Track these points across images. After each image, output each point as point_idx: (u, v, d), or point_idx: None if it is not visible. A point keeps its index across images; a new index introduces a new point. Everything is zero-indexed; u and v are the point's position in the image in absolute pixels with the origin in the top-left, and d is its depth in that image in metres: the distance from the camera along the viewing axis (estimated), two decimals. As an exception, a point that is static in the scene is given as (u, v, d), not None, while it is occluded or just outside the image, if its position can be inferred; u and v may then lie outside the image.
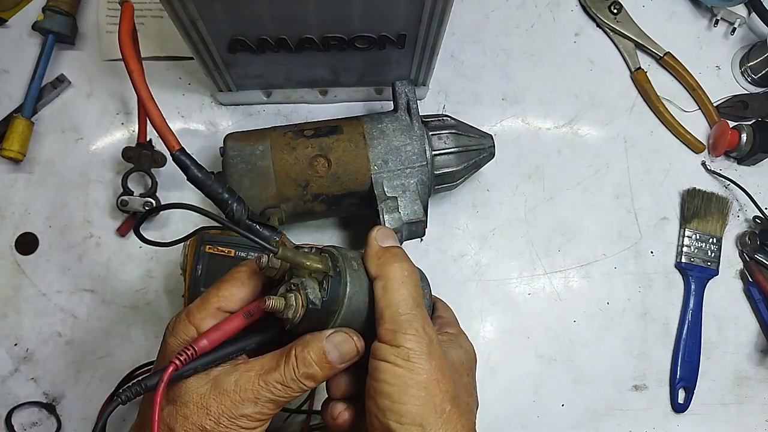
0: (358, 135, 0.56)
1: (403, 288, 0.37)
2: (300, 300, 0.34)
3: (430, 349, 0.35)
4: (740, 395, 0.65)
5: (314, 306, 0.35)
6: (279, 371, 0.34)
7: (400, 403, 0.34)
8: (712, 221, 0.67)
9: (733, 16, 0.72)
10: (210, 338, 0.35)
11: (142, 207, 0.60)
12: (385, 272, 0.37)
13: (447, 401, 0.35)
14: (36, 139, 0.64)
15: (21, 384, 0.60)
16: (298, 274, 0.35)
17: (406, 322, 0.35)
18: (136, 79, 0.36)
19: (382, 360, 0.35)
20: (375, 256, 0.38)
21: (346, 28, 0.53)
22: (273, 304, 0.34)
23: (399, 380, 0.34)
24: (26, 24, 0.66)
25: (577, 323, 0.65)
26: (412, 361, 0.34)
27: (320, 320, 0.36)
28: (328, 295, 0.35)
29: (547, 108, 0.70)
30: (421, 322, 0.36)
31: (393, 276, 0.37)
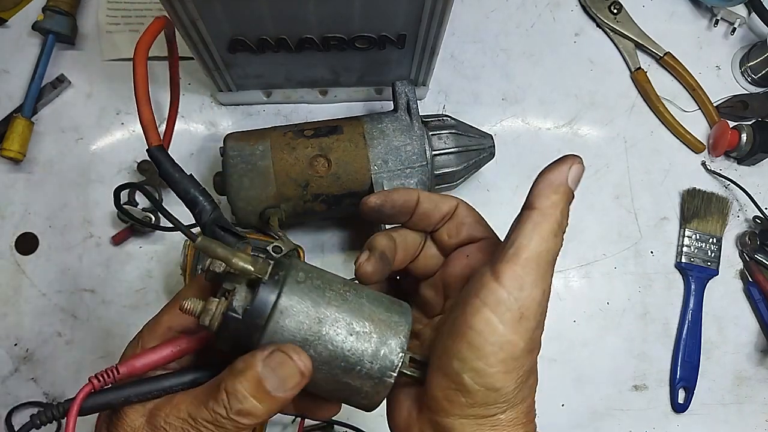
0: (358, 135, 0.56)
1: (555, 240, 0.32)
2: (221, 306, 0.29)
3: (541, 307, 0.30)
4: (740, 395, 0.65)
5: (234, 314, 0.29)
6: (208, 409, 0.28)
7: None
8: (712, 221, 0.67)
9: (733, 16, 0.72)
10: (141, 361, 0.30)
11: (142, 219, 0.61)
12: (550, 212, 0.31)
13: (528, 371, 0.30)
14: (36, 139, 0.64)
15: (21, 384, 0.60)
16: (234, 280, 0.30)
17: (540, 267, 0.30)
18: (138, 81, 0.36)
19: (487, 306, 0.29)
20: (552, 189, 0.31)
21: (346, 28, 0.53)
22: (188, 305, 0.29)
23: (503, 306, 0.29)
24: (26, 24, 0.66)
25: (577, 323, 0.65)
26: (523, 296, 0.29)
27: (244, 335, 0.29)
28: (253, 303, 0.29)
29: (547, 108, 0.70)
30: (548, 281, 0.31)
31: (551, 220, 0.31)
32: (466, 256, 0.36)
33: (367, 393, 0.31)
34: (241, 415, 0.28)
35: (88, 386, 0.29)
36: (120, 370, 0.29)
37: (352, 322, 0.31)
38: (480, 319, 0.29)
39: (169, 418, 0.29)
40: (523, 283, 0.29)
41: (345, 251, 0.64)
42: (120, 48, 0.67)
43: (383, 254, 0.35)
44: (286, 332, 0.30)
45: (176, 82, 0.58)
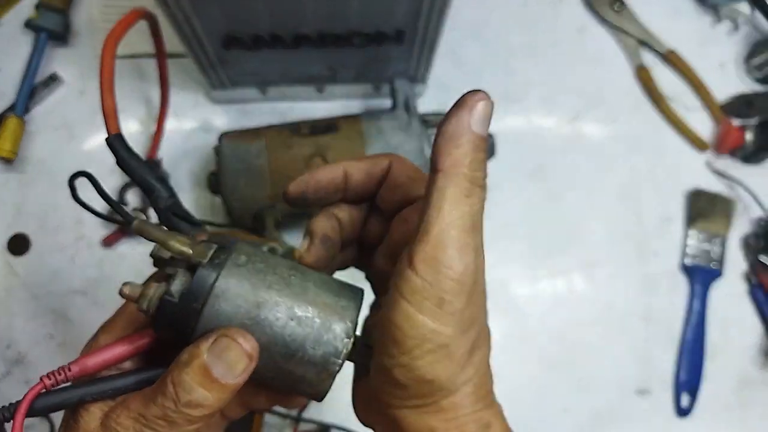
0: (356, 133, 0.55)
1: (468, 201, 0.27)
2: (159, 290, 0.28)
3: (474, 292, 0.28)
4: (745, 399, 0.64)
5: (170, 298, 0.28)
6: (156, 404, 0.27)
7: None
8: (716, 222, 0.66)
9: (736, 13, 0.71)
10: (94, 359, 0.29)
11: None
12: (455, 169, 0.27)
13: (467, 353, 0.29)
14: (28, 138, 0.63)
15: (13, 387, 0.59)
16: (176, 265, 0.29)
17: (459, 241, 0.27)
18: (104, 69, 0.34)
19: (403, 297, 0.27)
20: (455, 136, 0.28)
21: (343, 23, 0.52)
22: (127, 291, 0.28)
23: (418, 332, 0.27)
24: (18, 21, 0.65)
25: (580, 326, 0.64)
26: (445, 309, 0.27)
27: (180, 320, 0.28)
28: (190, 286, 0.28)
29: (549, 106, 0.69)
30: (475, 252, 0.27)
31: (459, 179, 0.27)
32: (405, 221, 0.33)
33: (311, 381, 0.30)
34: (190, 407, 0.27)
35: (39, 385, 0.27)
36: (72, 368, 0.28)
37: (294, 306, 0.29)
38: (399, 313, 0.27)
39: (120, 419, 0.28)
40: (437, 263, 0.26)
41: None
42: (114, 45, 0.66)
43: (325, 237, 0.33)
44: (223, 317, 0.28)
45: (165, 78, 0.57)
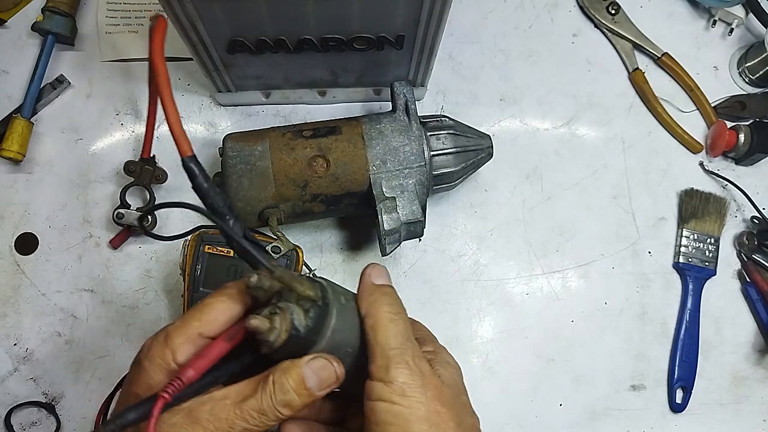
0: (357, 135, 0.56)
1: (392, 324, 0.36)
2: (285, 324, 0.33)
3: (423, 381, 0.34)
4: (738, 395, 0.65)
5: (297, 332, 0.33)
6: (255, 398, 0.33)
7: None
8: (709, 221, 0.67)
9: (730, 16, 0.72)
10: (196, 367, 0.33)
11: (138, 221, 0.60)
12: (374, 310, 0.36)
13: (451, 429, 0.34)
14: (36, 140, 0.64)
15: (20, 384, 0.60)
16: (286, 299, 0.34)
17: (397, 356, 0.35)
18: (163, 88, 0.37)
19: (379, 400, 0.34)
20: (366, 293, 0.37)
21: (345, 29, 0.53)
22: (257, 324, 0.32)
23: (400, 419, 0.33)
24: (26, 24, 0.66)
25: (575, 323, 0.65)
26: (409, 395, 0.33)
27: (299, 348, 0.34)
28: (312, 324, 0.34)
29: (545, 108, 0.70)
30: (411, 354, 0.35)
31: (382, 314, 0.36)
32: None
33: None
34: (282, 405, 0.33)
35: (161, 401, 0.31)
36: (185, 375, 0.32)
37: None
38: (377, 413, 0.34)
39: (215, 410, 0.32)
40: (388, 368, 0.34)
41: (344, 251, 0.65)
42: (119, 49, 0.67)
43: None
44: (330, 347, 0.35)
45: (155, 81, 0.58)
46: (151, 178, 0.62)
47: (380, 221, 0.53)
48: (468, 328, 0.64)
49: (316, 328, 0.34)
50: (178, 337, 0.34)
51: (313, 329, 0.34)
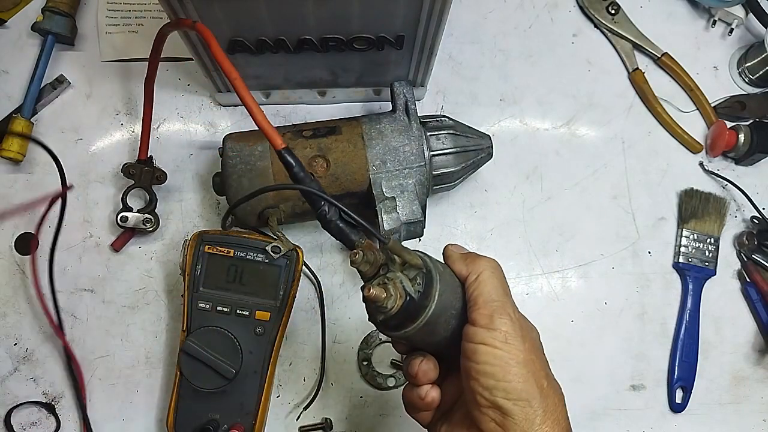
0: (357, 135, 0.56)
1: (494, 278, 0.39)
2: (399, 291, 0.36)
3: (522, 332, 0.37)
4: (738, 395, 0.65)
5: (411, 298, 0.36)
6: None
7: (505, 381, 0.36)
8: (709, 221, 0.67)
9: (730, 16, 0.72)
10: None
11: (141, 223, 0.60)
12: (476, 267, 0.40)
13: (543, 377, 0.38)
14: (36, 140, 0.64)
15: (20, 384, 0.60)
16: (392, 270, 0.37)
17: (501, 307, 0.38)
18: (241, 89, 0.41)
19: (481, 343, 0.37)
20: (461, 259, 0.41)
21: (345, 29, 0.53)
22: (375, 293, 0.35)
23: (501, 360, 0.36)
24: (26, 25, 0.66)
25: (575, 323, 0.65)
26: (510, 342, 0.37)
27: (413, 313, 0.37)
28: (422, 289, 0.37)
29: (545, 108, 0.70)
30: (512, 307, 0.39)
31: (483, 269, 0.39)
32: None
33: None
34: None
35: None
36: None
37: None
38: (479, 354, 0.37)
39: None
40: (492, 317, 0.37)
41: (344, 251, 0.65)
42: (119, 49, 0.67)
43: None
44: (441, 310, 0.38)
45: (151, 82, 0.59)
46: (152, 180, 0.62)
47: (380, 221, 0.53)
48: (468, 328, 0.64)
49: (425, 292, 0.37)
50: None
51: (423, 294, 0.37)
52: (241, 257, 0.55)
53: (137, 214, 0.61)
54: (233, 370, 0.53)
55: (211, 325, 0.54)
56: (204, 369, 0.52)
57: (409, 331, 0.37)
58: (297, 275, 0.56)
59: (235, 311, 0.55)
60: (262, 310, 0.55)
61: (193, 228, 0.64)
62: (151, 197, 0.62)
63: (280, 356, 0.61)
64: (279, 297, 0.55)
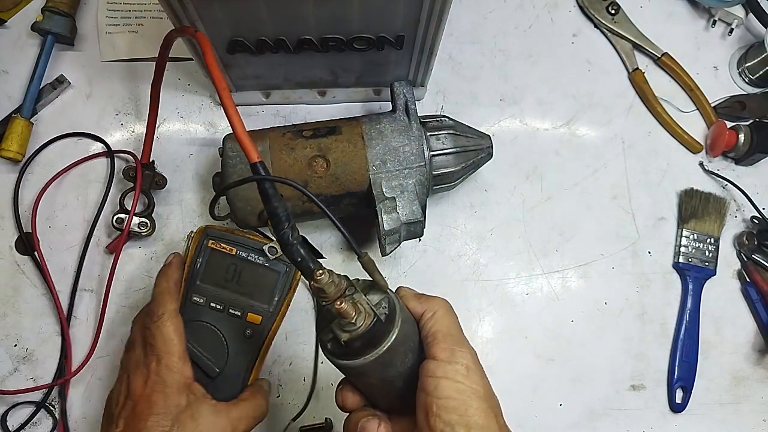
0: (357, 135, 0.56)
1: (449, 315, 0.41)
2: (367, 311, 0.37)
3: (478, 365, 0.39)
4: (738, 395, 0.66)
5: (378, 319, 0.37)
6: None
7: (467, 416, 0.36)
8: (709, 221, 0.67)
9: (730, 16, 0.72)
10: None
11: (137, 227, 0.60)
12: (431, 305, 0.41)
13: (500, 415, 0.38)
14: (35, 140, 0.64)
15: (20, 384, 0.60)
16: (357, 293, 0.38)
17: (460, 341, 0.39)
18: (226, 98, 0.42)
19: (443, 377, 0.37)
20: (415, 298, 0.42)
21: (345, 29, 0.53)
22: (346, 308, 0.36)
23: (463, 395, 0.36)
24: (25, 24, 0.66)
25: (575, 323, 0.65)
26: (471, 376, 0.37)
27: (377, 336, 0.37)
28: (388, 311, 0.38)
29: (545, 108, 0.70)
30: (467, 342, 0.40)
31: (438, 307, 0.41)
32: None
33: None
34: None
35: None
36: None
37: None
38: (441, 389, 0.37)
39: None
40: (453, 350, 0.38)
41: (344, 251, 0.65)
42: (119, 49, 0.67)
43: None
44: (401, 336, 0.37)
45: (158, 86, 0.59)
46: (151, 184, 0.62)
47: (380, 221, 0.53)
48: (468, 328, 0.63)
49: (390, 316, 0.38)
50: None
51: (389, 316, 0.37)
52: (243, 257, 0.55)
53: (133, 217, 0.60)
54: (216, 369, 0.52)
55: (201, 320, 0.54)
56: None
57: (369, 358, 0.36)
58: (294, 284, 0.56)
59: (227, 310, 0.55)
60: (255, 313, 0.55)
61: (193, 228, 0.64)
62: (149, 201, 0.62)
63: (280, 356, 0.61)
64: (273, 302, 0.55)
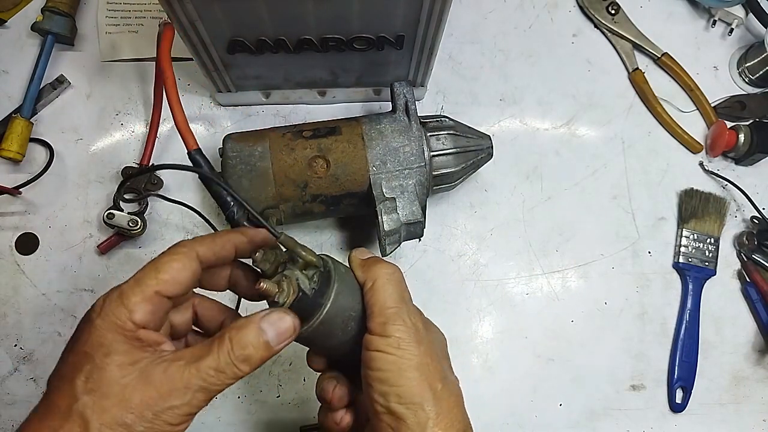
0: (357, 136, 0.56)
1: (389, 285, 0.40)
2: (292, 287, 0.37)
3: (417, 336, 0.38)
4: (738, 395, 0.66)
5: (304, 294, 0.37)
6: (212, 356, 0.33)
7: (397, 386, 0.37)
8: (709, 221, 0.67)
9: (730, 16, 0.72)
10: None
11: (127, 224, 0.60)
12: (372, 274, 0.40)
13: (437, 380, 0.38)
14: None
15: (21, 384, 0.60)
16: (291, 269, 0.38)
17: (394, 314, 0.38)
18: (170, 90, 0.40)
19: (376, 350, 0.38)
20: (360, 265, 0.41)
21: (345, 29, 0.53)
22: (266, 287, 0.36)
23: (394, 366, 0.37)
24: (25, 24, 0.66)
25: (575, 323, 0.65)
26: (403, 348, 0.37)
27: (308, 310, 0.37)
28: (317, 287, 0.38)
29: (545, 108, 0.70)
30: (407, 313, 0.39)
31: (378, 275, 0.40)
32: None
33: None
34: (241, 361, 0.33)
35: None
36: None
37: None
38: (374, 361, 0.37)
39: (170, 370, 0.32)
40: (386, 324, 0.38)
41: (343, 251, 0.65)
42: (119, 49, 0.67)
43: None
44: (338, 310, 0.38)
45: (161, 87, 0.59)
46: (147, 184, 0.62)
47: (380, 222, 0.53)
48: (468, 328, 0.64)
49: (320, 290, 0.38)
50: (134, 296, 0.34)
51: (319, 291, 0.38)
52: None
53: (124, 214, 0.60)
54: None
55: None
56: None
57: (305, 330, 0.37)
58: None
59: None
60: None
61: (193, 228, 0.64)
62: (143, 201, 0.62)
63: (280, 356, 0.61)
64: None
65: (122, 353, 0.32)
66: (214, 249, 0.37)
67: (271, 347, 0.35)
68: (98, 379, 0.32)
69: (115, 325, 0.33)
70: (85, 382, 0.32)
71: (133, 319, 0.33)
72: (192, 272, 0.36)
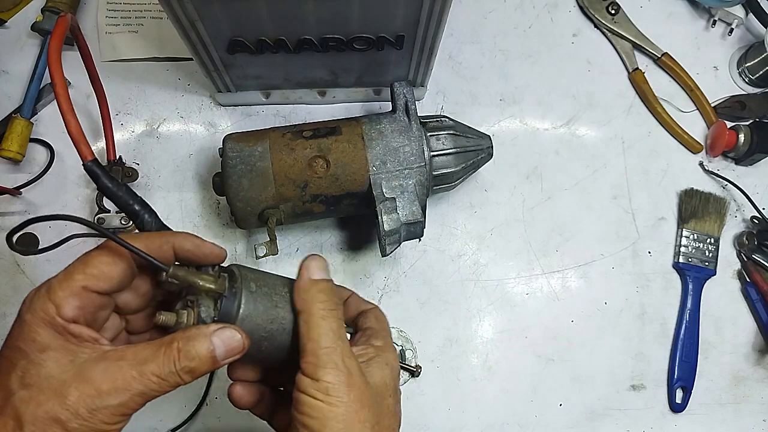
0: (357, 136, 0.56)
1: (324, 322, 0.37)
2: (192, 317, 0.35)
3: (349, 381, 0.35)
4: (738, 395, 0.65)
5: (204, 324, 0.35)
6: (157, 362, 0.32)
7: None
8: (709, 221, 0.67)
9: (730, 16, 0.72)
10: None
11: (119, 222, 0.60)
12: (308, 306, 0.37)
13: (367, 429, 0.35)
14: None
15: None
16: (195, 292, 0.36)
17: (326, 355, 0.36)
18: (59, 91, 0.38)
19: (304, 393, 0.35)
20: (302, 289, 0.38)
21: (345, 29, 0.53)
22: (164, 319, 0.35)
23: (319, 413, 0.35)
24: (25, 25, 0.66)
25: (575, 323, 0.65)
26: (331, 394, 0.35)
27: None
28: (220, 315, 0.36)
29: (545, 108, 0.70)
30: (341, 355, 0.36)
31: (314, 311, 0.37)
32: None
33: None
34: (186, 372, 0.33)
35: None
36: None
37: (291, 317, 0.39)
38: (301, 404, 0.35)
39: (110, 369, 0.32)
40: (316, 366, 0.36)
41: (344, 251, 0.65)
42: (119, 49, 0.67)
43: None
44: (248, 328, 0.36)
45: (96, 79, 0.59)
46: (122, 178, 0.62)
47: (380, 222, 0.53)
48: (468, 328, 0.64)
49: (224, 318, 0.36)
50: (62, 291, 0.33)
51: (222, 319, 0.36)
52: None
53: (115, 215, 0.60)
54: None
55: None
56: None
57: None
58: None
59: None
60: None
61: (192, 228, 0.64)
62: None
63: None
64: None
65: (57, 349, 0.32)
66: (150, 247, 0.36)
67: (217, 362, 0.34)
68: (35, 375, 0.31)
69: (43, 320, 0.33)
70: (21, 377, 0.31)
71: (61, 314, 0.33)
72: (122, 268, 0.35)
